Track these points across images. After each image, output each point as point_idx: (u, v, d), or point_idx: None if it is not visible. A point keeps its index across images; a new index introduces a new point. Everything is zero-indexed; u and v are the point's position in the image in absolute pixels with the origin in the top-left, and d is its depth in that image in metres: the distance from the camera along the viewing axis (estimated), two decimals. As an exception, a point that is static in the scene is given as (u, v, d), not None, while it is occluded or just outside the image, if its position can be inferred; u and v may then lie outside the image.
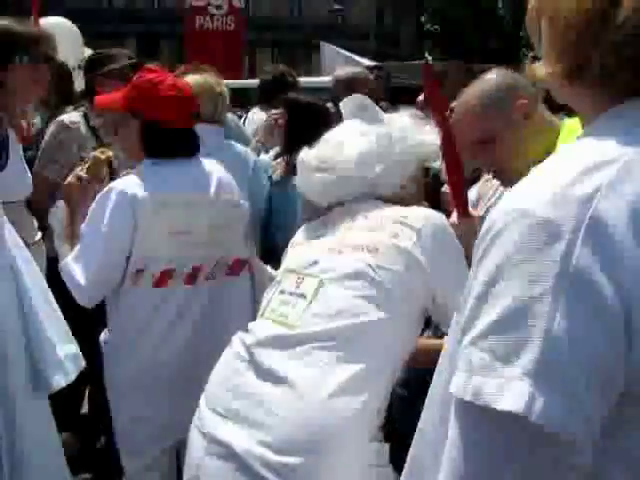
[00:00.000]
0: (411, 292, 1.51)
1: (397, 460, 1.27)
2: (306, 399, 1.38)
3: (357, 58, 8.32)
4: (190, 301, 2.09)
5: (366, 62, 7.55)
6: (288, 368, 1.43)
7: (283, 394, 1.41)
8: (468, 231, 1.65)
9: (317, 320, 1.46)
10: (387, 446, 1.38)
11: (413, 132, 1.71)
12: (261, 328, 1.55)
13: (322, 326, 1.45)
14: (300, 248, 1.66)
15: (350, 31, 24.41)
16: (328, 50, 8.76)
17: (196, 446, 1.50)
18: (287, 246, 1.76)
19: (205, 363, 1.66)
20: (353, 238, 1.55)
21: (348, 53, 8.57)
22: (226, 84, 2.96)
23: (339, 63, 6.76)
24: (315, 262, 1.55)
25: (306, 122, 2.74)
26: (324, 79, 5.90)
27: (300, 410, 1.38)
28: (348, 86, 3.46)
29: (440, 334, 1.75)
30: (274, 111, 3.26)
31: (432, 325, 1.85)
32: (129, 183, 2.02)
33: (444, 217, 1.61)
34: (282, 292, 1.57)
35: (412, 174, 1.70)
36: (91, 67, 2.86)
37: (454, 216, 1.82)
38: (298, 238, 1.71)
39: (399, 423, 1.59)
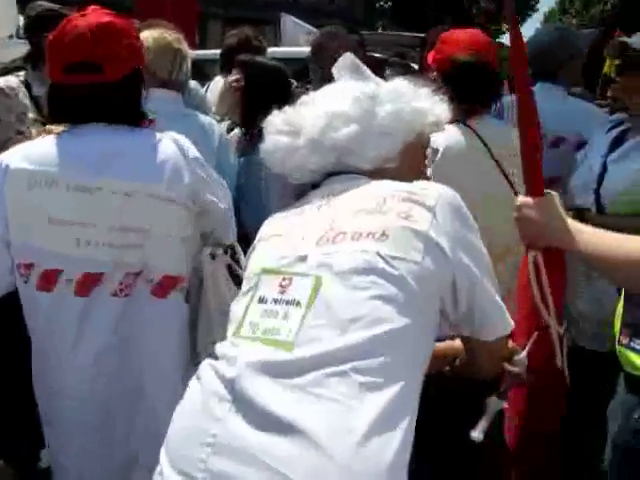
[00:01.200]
0: (433, 286, 1.24)
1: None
2: (330, 452, 1.07)
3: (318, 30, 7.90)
4: (88, 317, 1.68)
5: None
6: (294, 408, 1.11)
7: (294, 448, 1.08)
8: (545, 211, 1.45)
9: (323, 334, 1.16)
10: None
11: (408, 97, 1.43)
12: (244, 353, 1.20)
13: (332, 343, 1.15)
14: (276, 241, 1.34)
15: (301, 7, 24.23)
16: (288, 22, 8.41)
17: None
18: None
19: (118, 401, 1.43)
20: (350, 223, 1.26)
21: (309, 26, 8.17)
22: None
23: (300, 36, 6.45)
24: (303, 257, 1.25)
25: (266, 87, 2.43)
26: (286, 49, 5.65)
27: (325, 469, 1.06)
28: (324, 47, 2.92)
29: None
30: (230, 77, 2.76)
31: None
32: (12, 152, 1.69)
33: (454, 191, 1.33)
34: (262, 300, 1.25)
35: (403, 147, 1.40)
36: (38, 26, 2.47)
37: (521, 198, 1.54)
38: (270, 229, 1.39)
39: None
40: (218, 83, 3.63)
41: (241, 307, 1.28)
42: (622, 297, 1.58)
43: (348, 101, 1.38)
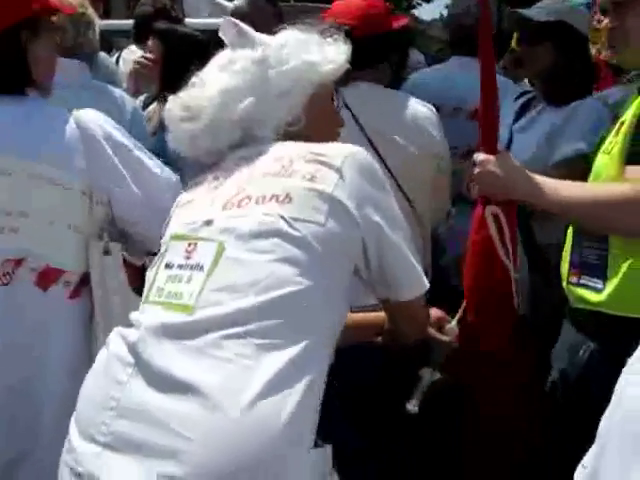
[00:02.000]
0: (339, 247, 1.23)
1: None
2: (225, 411, 1.08)
3: (222, 1, 7.73)
4: None
5: (231, 5, 6.97)
6: (192, 370, 1.13)
7: (191, 408, 1.10)
8: (506, 165, 1.54)
9: (223, 297, 1.17)
10: (329, 448, 1.16)
11: (297, 51, 1.39)
12: (147, 317, 1.23)
13: (231, 305, 1.15)
14: (186, 209, 1.35)
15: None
16: (191, -9, 8.14)
17: None
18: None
19: None
20: (256, 187, 1.27)
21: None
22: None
23: (203, 7, 6.30)
24: (209, 221, 1.26)
25: (187, 56, 2.30)
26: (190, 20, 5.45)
27: (220, 427, 1.08)
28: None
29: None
30: (142, 54, 2.68)
31: None
32: None
33: (367, 153, 1.33)
34: (168, 265, 1.27)
35: (305, 104, 1.38)
36: None
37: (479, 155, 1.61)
38: (182, 198, 1.40)
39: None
40: (133, 54, 3.50)
41: (152, 274, 1.30)
42: (569, 238, 1.66)
43: (238, 74, 1.36)
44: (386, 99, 2.18)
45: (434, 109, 2.24)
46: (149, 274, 1.31)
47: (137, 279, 1.65)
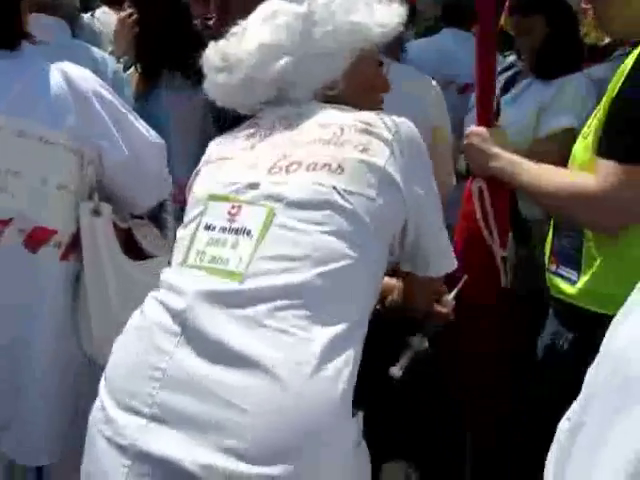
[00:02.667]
0: (386, 222, 1.21)
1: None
2: (284, 383, 1.05)
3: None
4: None
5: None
6: (246, 340, 1.07)
7: (246, 379, 1.06)
8: (491, 141, 1.51)
9: (275, 266, 1.12)
10: (361, 415, 1.15)
11: (347, 9, 1.31)
12: (190, 282, 1.15)
13: (284, 276, 1.11)
14: (224, 165, 1.27)
15: None
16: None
17: (110, 466, 1.10)
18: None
19: None
20: (305, 153, 1.21)
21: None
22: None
23: None
24: (253, 184, 1.20)
25: (161, 19, 2.23)
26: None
27: (280, 400, 1.04)
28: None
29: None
30: (123, 12, 2.60)
31: None
32: None
33: (412, 123, 1.29)
34: (209, 227, 1.20)
35: (348, 68, 1.32)
36: None
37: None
38: (217, 151, 1.32)
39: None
40: (105, 15, 3.40)
41: (187, 234, 1.23)
42: (551, 226, 1.65)
43: (280, 29, 1.29)
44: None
45: (430, 79, 2.21)
46: (183, 233, 1.24)
47: (122, 241, 1.63)
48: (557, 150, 2.00)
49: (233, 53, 1.31)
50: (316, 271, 1.12)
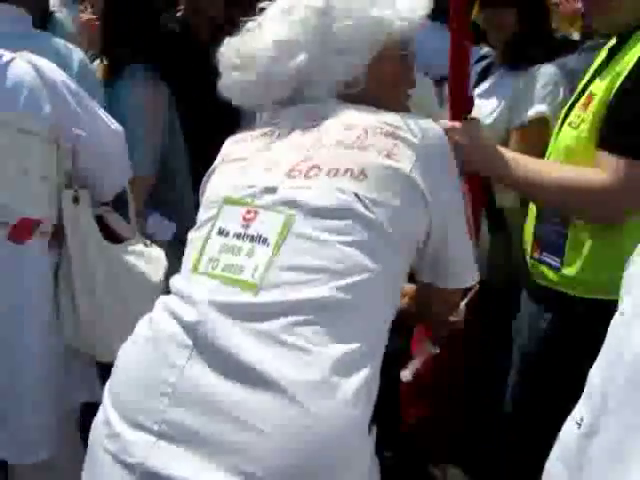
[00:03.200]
0: (409, 233, 1.15)
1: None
2: (302, 404, 1.00)
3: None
4: None
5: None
6: (262, 356, 1.02)
7: (264, 398, 1.00)
8: (472, 134, 1.43)
9: (293, 278, 1.07)
10: (375, 429, 1.12)
11: (367, 4, 1.24)
12: (202, 291, 1.09)
13: (303, 289, 1.06)
14: (239, 166, 1.21)
15: None
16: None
17: None
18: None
19: None
20: (326, 156, 1.15)
21: None
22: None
23: None
24: (271, 189, 1.14)
25: (126, 10, 2.18)
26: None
27: (297, 422, 0.99)
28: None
29: None
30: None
31: None
32: None
33: (439, 126, 1.24)
34: (222, 232, 1.14)
35: (368, 64, 1.25)
36: None
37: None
38: (233, 150, 1.26)
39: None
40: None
41: (199, 238, 1.17)
42: (532, 213, 1.62)
43: (296, 24, 1.23)
44: None
45: None
46: (194, 236, 1.18)
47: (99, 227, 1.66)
48: (529, 139, 2.03)
49: (248, 50, 1.26)
50: (335, 284, 1.06)
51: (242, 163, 1.21)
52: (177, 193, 2.22)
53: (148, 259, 1.71)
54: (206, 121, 2.12)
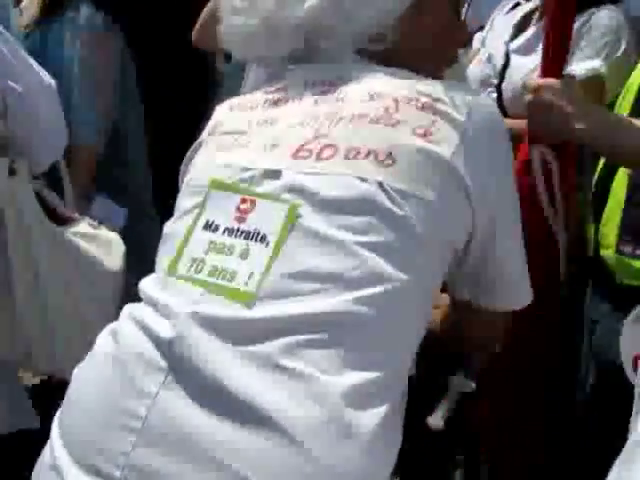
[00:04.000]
0: (445, 235, 0.98)
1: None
2: (303, 448, 0.85)
3: None
4: None
5: None
6: (257, 386, 0.87)
7: (257, 439, 0.86)
8: (570, 96, 1.24)
9: (298, 287, 0.91)
10: None
11: None
12: (180, 301, 0.94)
13: (311, 300, 0.90)
14: (234, 141, 1.04)
15: None
16: None
17: None
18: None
19: None
20: (344, 132, 0.98)
21: None
22: None
23: None
24: (274, 172, 0.98)
25: None
26: None
27: (298, 469, 0.85)
28: None
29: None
30: None
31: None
32: None
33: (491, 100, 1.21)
34: (210, 226, 0.98)
35: (404, 10, 1.04)
36: None
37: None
38: (226, 120, 1.08)
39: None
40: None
41: (180, 231, 0.99)
42: (618, 191, 1.41)
43: None
44: None
45: None
46: (172, 230, 1.01)
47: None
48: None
49: None
50: (351, 296, 0.92)
51: (238, 138, 1.03)
52: (130, 174, 1.92)
53: (102, 244, 1.54)
54: (173, 84, 1.81)
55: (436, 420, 1.22)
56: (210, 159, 1.04)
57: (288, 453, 0.86)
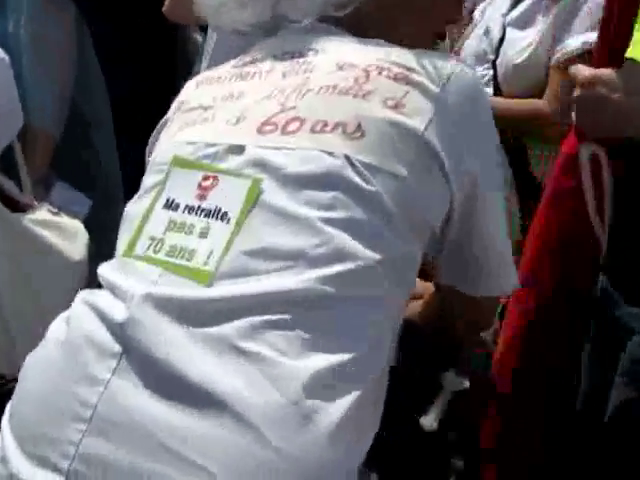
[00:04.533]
0: (419, 213, 0.95)
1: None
2: (262, 436, 0.82)
3: None
4: None
5: None
6: (214, 371, 0.85)
7: (213, 427, 0.83)
8: (623, 88, 1.08)
9: (259, 265, 0.89)
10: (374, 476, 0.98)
11: None
12: (137, 283, 0.91)
13: (272, 279, 0.88)
14: (198, 117, 1.02)
15: None
16: None
17: None
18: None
19: None
20: (311, 105, 0.96)
21: None
22: None
23: None
24: (238, 147, 0.95)
25: None
26: None
27: (256, 458, 0.82)
28: None
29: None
30: None
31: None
32: None
33: (474, 70, 1.11)
34: (170, 205, 0.96)
35: None
36: None
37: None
38: (191, 95, 1.07)
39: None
40: None
41: (139, 211, 0.97)
42: None
43: None
44: None
45: None
46: (131, 210, 1.00)
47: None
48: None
49: None
50: (315, 274, 0.90)
51: (202, 113, 1.01)
52: (98, 159, 1.83)
53: (63, 232, 1.51)
54: (136, 57, 1.69)
55: (430, 422, 1.21)
56: (174, 136, 1.01)
57: (245, 441, 0.84)
